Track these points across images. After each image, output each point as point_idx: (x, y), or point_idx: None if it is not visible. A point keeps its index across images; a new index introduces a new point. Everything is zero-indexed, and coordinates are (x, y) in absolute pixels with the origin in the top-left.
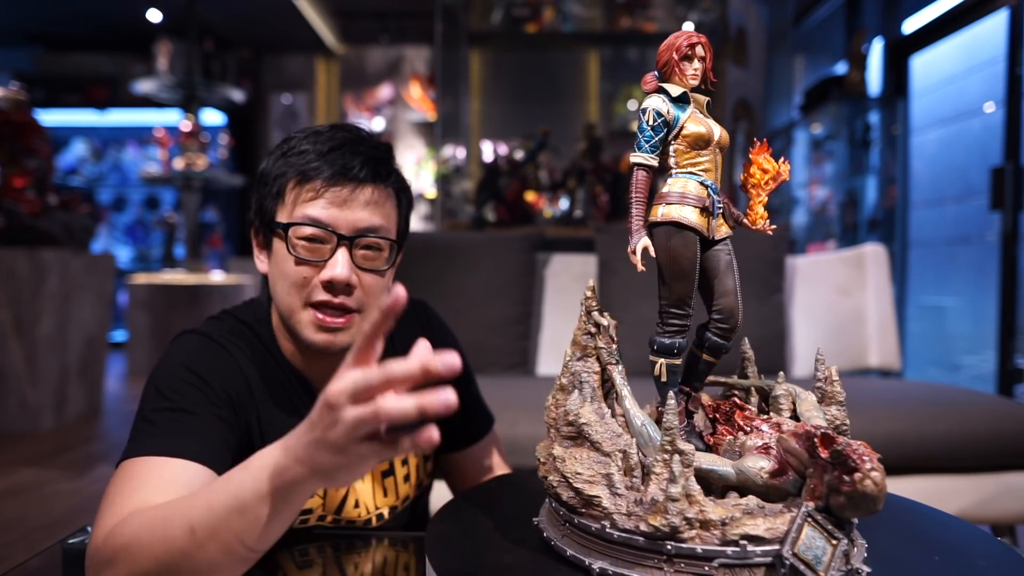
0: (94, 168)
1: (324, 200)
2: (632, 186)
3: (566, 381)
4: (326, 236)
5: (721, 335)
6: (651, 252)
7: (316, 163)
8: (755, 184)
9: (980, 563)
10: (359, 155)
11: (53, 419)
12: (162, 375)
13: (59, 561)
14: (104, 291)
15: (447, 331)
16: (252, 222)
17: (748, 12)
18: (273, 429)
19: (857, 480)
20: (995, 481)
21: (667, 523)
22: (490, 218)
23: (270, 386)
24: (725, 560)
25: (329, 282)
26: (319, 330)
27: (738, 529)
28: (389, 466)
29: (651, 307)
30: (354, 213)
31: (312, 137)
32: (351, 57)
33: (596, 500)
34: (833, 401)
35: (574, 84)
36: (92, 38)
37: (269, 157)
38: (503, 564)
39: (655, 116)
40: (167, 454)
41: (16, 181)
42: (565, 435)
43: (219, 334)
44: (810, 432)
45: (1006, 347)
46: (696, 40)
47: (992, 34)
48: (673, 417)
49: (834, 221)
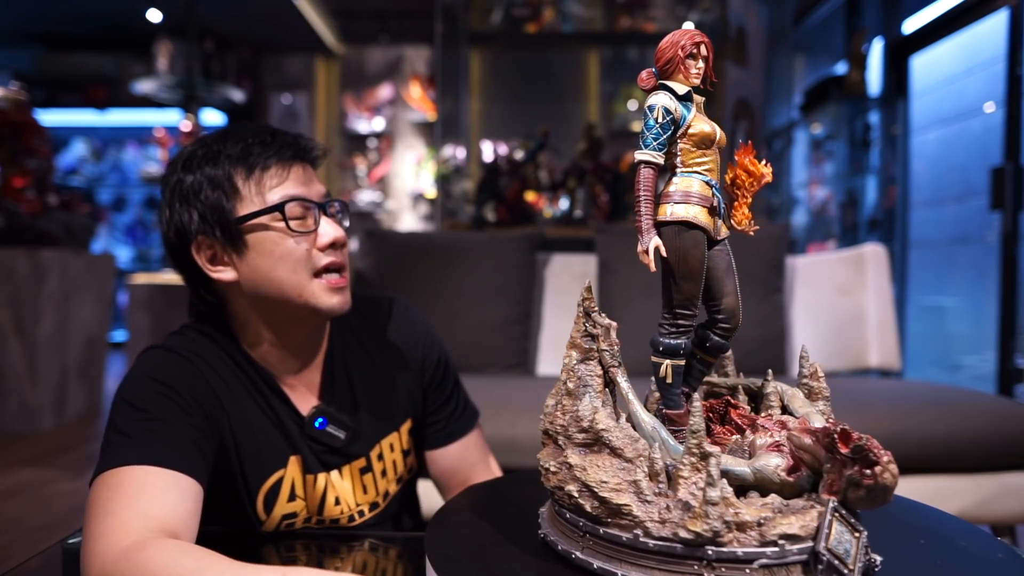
0: (94, 168)
1: (293, 179)
2: (639, 184)
3: (572, 386)
4: (307, 208)
5: (723, 335)
6: (662, 252)
7: (266, 151)
8: (740, 186)
9: (961, 543)
10: (292, 137)
11: (53, 419)
12: (131, 388)
13: (59, 561)
14: (104, 291)
15: (424, 327)
16: (197, 235)
17: (748, 12)
18: (246, 432)
19: (878, 473)
20: (995, 481)
21: (709, 528)
22: (490, 218)
23: (238, 392)
24: (765, 561)
25: (332, 244)
26: (332, 293)
27: (776, 529)
28: (367, 462)
29: (651, 307)
30: (313, 185)
31: (225, 138)
32: (351, 57)
33: (625, 509)
34: (819, 397)
35: (574, 84)
36: (92, 38)
37: (186, 171)
38: (506, 569)
39: (664, 113)
40: (150, 463)
41: (16, 181)
42: (579, 442)
43: (182, 347)
44: (828, 429)
45: (1006, 347)
46: (700, 39)
47: (992, 34)
48: (700, 420)
49: (834, 221)
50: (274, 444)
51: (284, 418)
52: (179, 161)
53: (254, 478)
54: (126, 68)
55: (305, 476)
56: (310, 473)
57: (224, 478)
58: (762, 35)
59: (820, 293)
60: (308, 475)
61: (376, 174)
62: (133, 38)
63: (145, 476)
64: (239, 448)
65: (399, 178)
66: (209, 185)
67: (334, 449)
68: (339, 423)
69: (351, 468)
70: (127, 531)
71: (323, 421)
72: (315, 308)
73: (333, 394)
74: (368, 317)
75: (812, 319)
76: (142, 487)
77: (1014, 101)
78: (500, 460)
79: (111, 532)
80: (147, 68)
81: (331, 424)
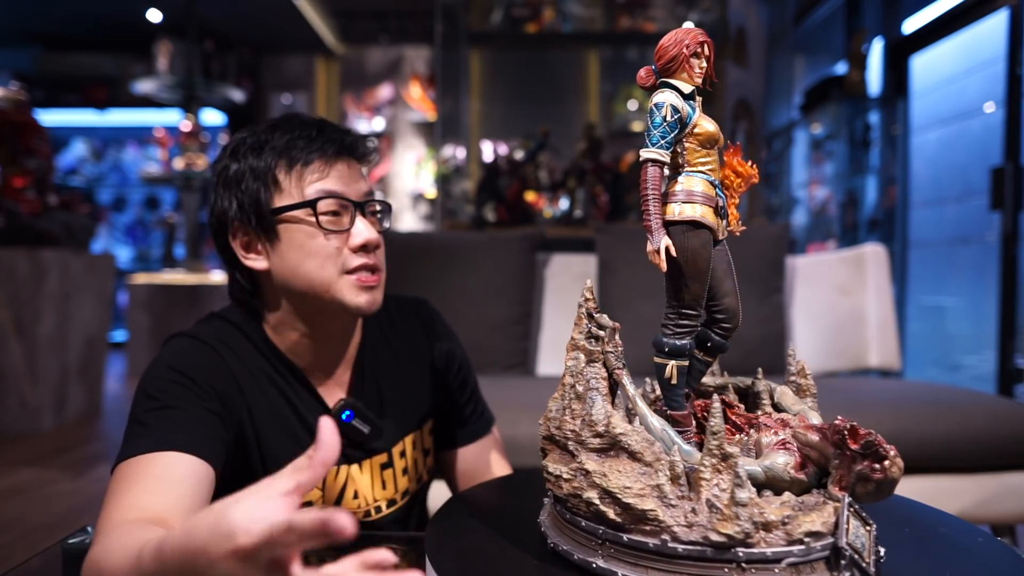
0: (94, 168)
1: (334, 175)
2: (647, 183)
3: (582, 389)
4: (344, 206)
5: (724, 335)
6: (672, 251)
7: (309, 146)
8: (728, 186)
9: (942, 530)
10: (340, 133)
11: (53, 419)
12: (150, 378)
13: (59, 561)
14: (104, 291)
15: (448, 331)
16: (234, 222)
17: (748, 12)
18: (268, 422)
19: (887, 467)
20: (995, 481)
21: (740, 529)
22: (490, 218)
23: (262, 381)
24: (793, 559)
25: (363, 245)
26: (362, 291)
27: (801, 527)
28: (388, 458)
29: (650, 307)
30: (356, 183)
31: (274, 130)
32: (351, 57)
33: (651, 514)
34: (808, 394)
35: (574, 84)
36: (92, 38)
37: (233, 159)
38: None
39: (673, 111)
40: (157, 450)
41: (16, 181)
42: (594, 447)
43: (207, 335)
44: (838, 425)
45: (1006, 347)
46: (704, 38)
47: (992, 34)
48: (720, 421)
49: (834, 221)
50: (295, 434)
51: (309, 409)
52: (229, 148)
53: (273, 466)
54: (126, 68)
55: None
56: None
57: (243, 465)
58: (762, 35)
59: (820, 293)
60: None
61: (376, 174)
62: (133, 38)
63: (149, 464)
64: (259, 436)
65: (399, 178)
66: (251, 175)
67: (357, 443)
68: (365, 418)
69: (371, 463)
70: (110, 526)
71: (350, 414)
72: (343, 305)
73: (362, 390)
74: (396, 317)
75: (812, 319)
76: (139, 478)
77: (1014, 101)
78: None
79: (100, 530)
80: (147, 68)
81: (357, 418)
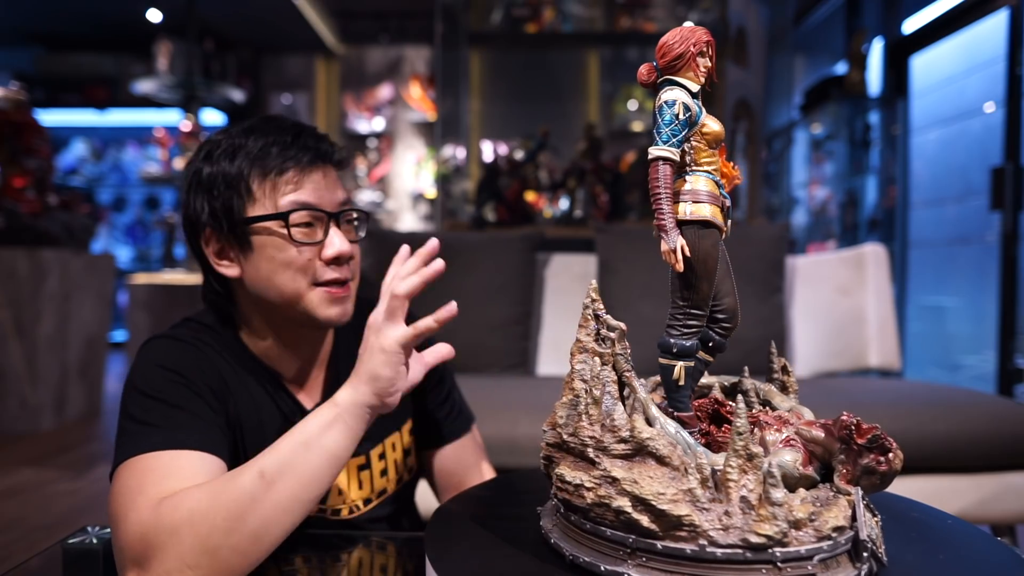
0: (94, 168)
1: (308, 185)
2: (658, 181)
3: (599, 393)
4: (318, 217)
5: (724, 334)
6: (686, 251)
7: (284, 154)
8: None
9: (914, 515)
10: (314, 140)
11: (53, 419)
12: (142, 379)
13: (59, 561)
14: (104, 291)
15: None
16: (205, 228)
17: (748, 12)
18: (250, 422)
19: (891, 459)
20: (995, 481)
21: (778, 529)
22: (490, 218)
23: (242, 380)
24: (823, 555)
25: (336, 258)
26: (332, 304)
27: (828, 523)
28: (366, 460)
29: (650, 307)
30: (332, 192)
31: (249, 134)
32: (351, 57)
33: (687, 519)
34: (791, 391)
35: (574, 84)
36: (92, 38)
37: (206, 162)
38: (506, 569)
39: (684, 109)
40: (177, 447)
41: (16, 181)
42: (618, 454)
43: (185, 336)
44: (844, 421)
45: (1006, 347)
46: (709, 38)
47: (992, 34)
48: (744, 421)
49: (834, 221)
50: (278, 432)
51: (288, 411)
52: (203, 150)
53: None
54: (126, 68)
55: None
56: None
57: (230, 460)
58: (762, 35)
59: (820, 293)
60: None
61: (376, 174)
62: (133, 38)
63: (172, 460)
64: (244, 432)
65: (399, 178)
66: (223, 181)
67: None
68: None
69: (348, 465)
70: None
71: None
72: (312, 317)
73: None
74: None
75: (812, 319)
76: (171, 469)
77: (1014, 101)
78: (500, 460)
79: (143, 506)
80: (147, 68)
81: None
